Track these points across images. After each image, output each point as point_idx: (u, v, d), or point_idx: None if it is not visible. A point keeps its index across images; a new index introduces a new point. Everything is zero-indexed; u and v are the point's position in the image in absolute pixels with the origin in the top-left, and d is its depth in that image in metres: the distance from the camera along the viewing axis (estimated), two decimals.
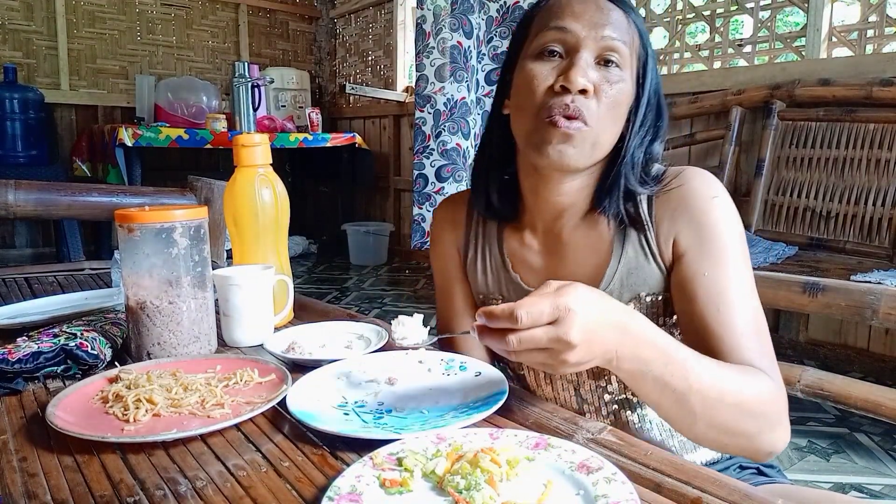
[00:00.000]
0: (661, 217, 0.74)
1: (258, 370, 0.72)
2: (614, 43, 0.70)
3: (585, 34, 0.70)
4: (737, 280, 0.70)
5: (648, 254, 0.75)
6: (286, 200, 0.98)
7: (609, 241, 0.77)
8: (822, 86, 2.23)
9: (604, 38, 0.70)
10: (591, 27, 0.70)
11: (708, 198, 0.72)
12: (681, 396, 0.60)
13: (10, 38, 3.81)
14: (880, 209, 2.06)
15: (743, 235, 0.73)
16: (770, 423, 0.65)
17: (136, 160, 3.26)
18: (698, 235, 0.71)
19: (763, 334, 0.70)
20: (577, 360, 0.54)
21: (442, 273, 0.92)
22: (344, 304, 3.28)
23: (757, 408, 0.64)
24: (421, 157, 2.95)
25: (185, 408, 0.63)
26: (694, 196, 0.72)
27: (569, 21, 0.71)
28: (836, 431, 1.86)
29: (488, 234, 0.87)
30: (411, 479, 0.49)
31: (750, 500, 0.47)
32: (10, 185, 1.34)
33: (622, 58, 0.71)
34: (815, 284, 1.51)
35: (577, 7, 0.71)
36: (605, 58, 0.70)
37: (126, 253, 0.77)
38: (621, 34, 0.71)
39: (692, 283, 0.70)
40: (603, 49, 0.70)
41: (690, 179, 0.73)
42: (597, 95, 0.69)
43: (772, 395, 0.66)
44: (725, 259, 0.70)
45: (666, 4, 2.94)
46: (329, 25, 5.02)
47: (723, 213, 0.72)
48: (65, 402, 0.63)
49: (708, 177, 0.74)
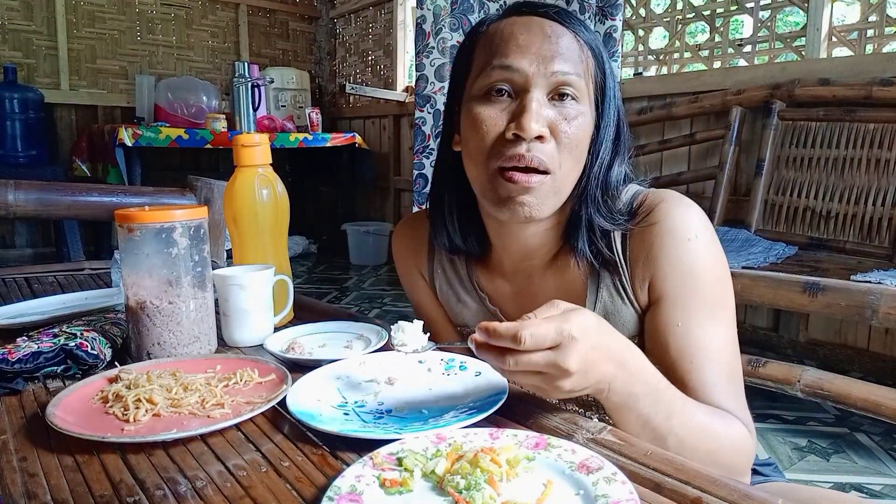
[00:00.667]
0: (637, 257, 0.69)
1: (258, 370, 0.72)
2: (567, 77, 0.64)
3: (534, 71, 0.64)
4: (711, 330, 0.66)
5: (624, 297, 0.71)
6: (286, 200, 0.98)
7: (583, 282, 0.73)
8: (822, 86, 2.23)
9: (555, 73, 0.64)
10: (540, 62, 0.64)
11: (683, 240, 0.67)
12: (659, 435, 0.60)
13: (10, 38, 3.81)
14: (880, 209, 2.06)
15: (723, 277, 0.69)
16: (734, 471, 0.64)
17: (136, 160, 3.26)
18: (673, 282, 0.67)
19: (737, 381, 0.68)
20: (570, 387, 0.54)
21: (414, 299, 0.91)
22: (344, 304, 3.28)
23: (728, 460, 0.64)
24: (421, 156, 2.95)
25: (185, 408, 0.63)
26: (670, 236, 0.67)
27: (515, 57, 0.64)
28: (836, 431, 1.86)
29: (457, 267, 0.83)
30: (411, 479, 0.49)
31: (750, 499, 0.47)
32: (10, 185, 1.34)
33: (578, 90, 0.65)
34: (815, 284, 1.51)
35: (522, 38, 0.65)
36: (560, 92, 0.65)
37: (126, 253, 0.77)
38: (574, 64, 0.65)
39: (665, 334, 0.67)
40: (555, 85, 0.64)
41: (666, 215, 0.68)
42: (554, 137, 0.64)
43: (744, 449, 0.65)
44: (700, 308, 0.66)
45: (666, 4, 2.94)
46: (329, 25, 5.02)
47: (700, 257, 0.67)
48: (65, 402, 0.63)
49: (686, 211, 0.68)
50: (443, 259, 0.85)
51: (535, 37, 0.65)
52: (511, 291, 0.80)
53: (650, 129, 2.79)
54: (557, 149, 0.65)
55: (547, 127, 0.64)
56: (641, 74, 3.03)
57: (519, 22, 0.67)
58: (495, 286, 0.81)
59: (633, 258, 0.70)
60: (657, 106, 2.72)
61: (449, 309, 0.87)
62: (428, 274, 0.87)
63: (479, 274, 0.82)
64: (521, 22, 0.67)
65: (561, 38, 0.65)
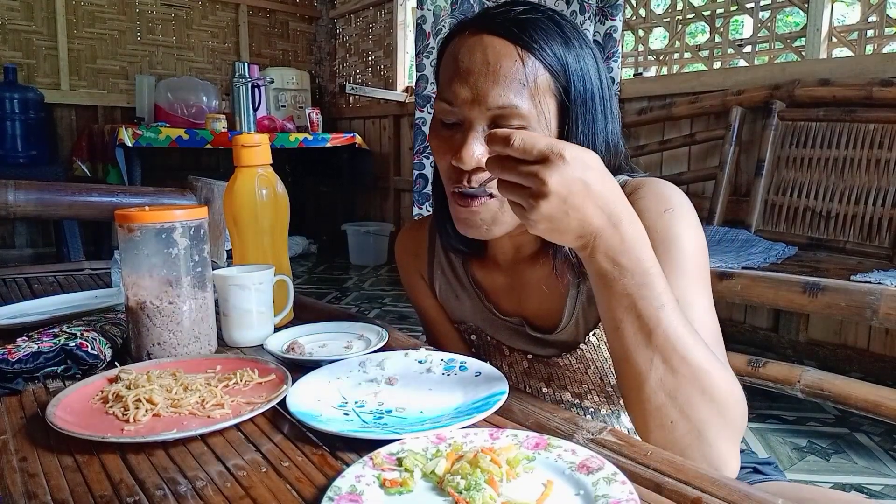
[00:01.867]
0: None
1: (258, 370, 0.72)
2: (504, 110, 0.64)
3: (469, 108, 0.65)
4: (692, 290, 0.65)
5: None
6: (286, 200, 0.98)
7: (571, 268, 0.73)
8: (822, 86, 2.23)
9: (490, 108, 0.64)
10: (476, 97, 0.64)
11: (658, 213, 0.67)
12: (644, 326, 0.55)
13: (10, 38, 3.81)
14: (880, 209, 2.06)
15: (700, 247, 0.68)
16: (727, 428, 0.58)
17: (136, 160, 3.26)
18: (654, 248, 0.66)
19: (721, 347, 0.66)
20: (548, 212, 0.52)
21: (416, 303, 0.93)
22: (344, 304, 3.28)
23: (718, 394, 0.57)
24: (421, 157, 2.95)
25: (185, 408, 0.63)
26: (648, 209, 0.67)
27: (454, 92, 0.65)
28: (836, 431, 1.86)
29: (455, 265, 0.86)
30: (411, 479, 0.49)
31: (750, 500, 0.47)
32: (10, 185, 1.34)
33: (520, 115, 0.64)
34: (815, 284, 1.51)
35: (463, 66, 0.65)
36: (497, 124, 0.65)
37: (126, 253, 0.77)
38: (516, 91, 0.63)
39: None
40: (492, 118, 0.65)
41: (641, 198, 0.68)
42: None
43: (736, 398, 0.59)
44: (681, 275, 0.65)
45: (666, 4, 2.94)
46: (329, 25, 5.02)
47: (674, 225, 0.67)
48: (65, 402, 0.63)
49: (662, 190, 0.69)
50: (442, 261, 0.88)
51: (475, 65, 0.65)
52: (505, 284, 0.81)
53: (650, 130, 2.79)
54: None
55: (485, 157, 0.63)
56: (641, 75, 3.03)
57: (466, 44, 0.67)
58: (492, 279, 0.83)
59: None
60: (657, 106, 2.72)
61: (448, 308, 0.89)
62: (428, 276, 0.89)
63: (475, 271, 0.84)
64: (467, 44, 0.66)
65: (502, 61, 0.64)
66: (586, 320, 0.75)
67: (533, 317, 0.80)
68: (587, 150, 0.53)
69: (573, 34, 0.68)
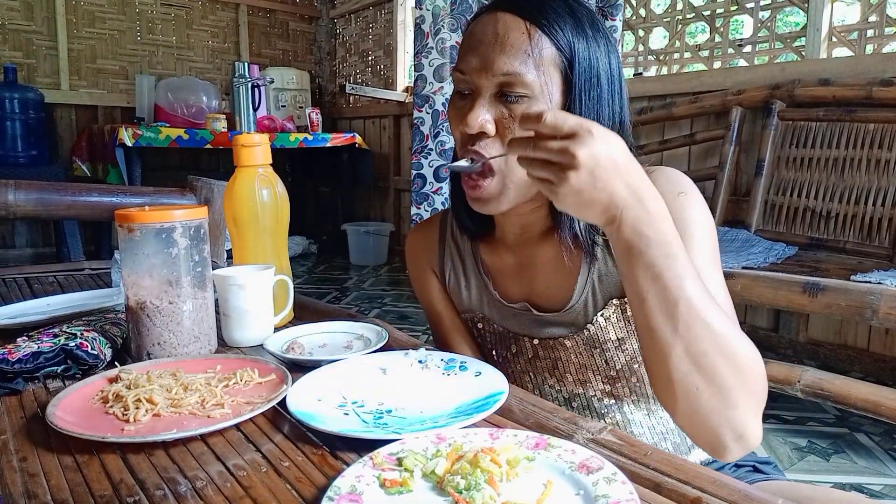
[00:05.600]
0: None
1: (258, 370, 0.72)
2: (510, 77, 0.67)
3: (478, 75, 0.69)
4: (707, 268, 0.67)
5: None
6: (286, 200, 0.98)
7: (580, 248, 0.76)
8: (822, 86, 2.23)
9: (495, 75, 0.67)
10: (484, 65, 0.68)
11: (672, 196, 0.69)
12: (669, 296, 0.57)
13: (10, 38, 3.81)
14: (880, 209, 2.06)
15: (711, 231, 0.71)
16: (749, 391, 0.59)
17: (136, 160, 3.26)
18: None
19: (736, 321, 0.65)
20: (577, 185, 0.54)
21: (425, 298, 0.93)
22: (344, 304, 3.28)
23: (740, 359, 0.58)
24: (419, 157, 2.95)
25: (185, 408, 0.63)
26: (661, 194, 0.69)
27: (467, 60, 0.70)
28: (836, 431, 1.86)
29: (464, 253, 0.88)
30: (411, 479, 0.49)
31: (750, 499, 0.47)
32: (10, 185, 1.34)
33: (527, 86, 0.67)
34: (815, 284, 1.51)
35: (475, 39, 0.70)
36: (504, 92, 0.68)
37: (126, 253, 0.77)
38: (521, 61, 0.67)
39: None
40: (499, 86, 0.68)
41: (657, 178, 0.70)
42: (499, 134, 0.69)
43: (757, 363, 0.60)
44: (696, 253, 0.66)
45: (666, 4, 2.94)
46: (329, 25, 5.02)
47: (687, 208, 0.69)
48: (65, 402, 0.63)
49: (674, 175, 0.72)
50: (452, 251, 0.89)
51: (486, 36, 0.69)
52: (514, 265, 0.83)
53: (650, 130, 2.79)
54: (502, 145, 0.69)
55: (492, 123, 0.69)
56: (641, 74, 3.03)
57: (481, 21, 0.71)
58: (501, 262, 0.84)
59: None
60: (657, 106, 2.72)
61: (457, 299, 0.90)
62: (439, 269, 0.91)
63: (484, 256, 0.86)
64: (483, 20, 0.71)
65: (510, 33, 0.68)
66: (595, 300, 0.76)
67: (540, 297, 0.81)
68: (611, 132, 0.56)
69: (586, 17, 0.71)
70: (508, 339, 0.85)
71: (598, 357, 0.78)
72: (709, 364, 0.58)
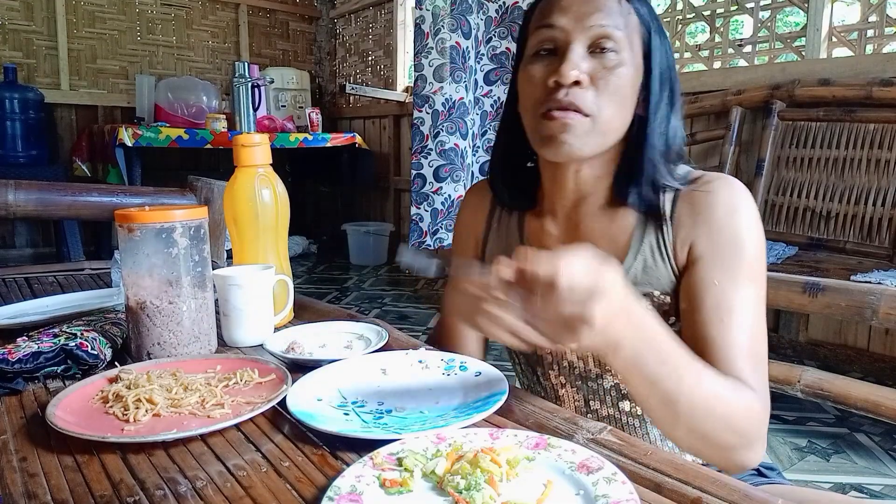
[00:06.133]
0: (682, 219, 0.73)
1: (258, 370, 0.72)
2: (605, 30, 0.69)
3: (573, 27, 0.70)
4: (746, 297, 0.69)
5: (664, 253, 0.74)
6: (286, 200, 0.98)
7: (628, 234, 0.76)
8: (822, 86, 2.23)
9: (592, 27, 0.69)
10: (579, 18, 0.70)
11: (729, 211, 0.71)
12: (669, 398, 0.59)
13: (10, 38, 3.81)
14: (880, 209, 2.06)
15: (763, 253, 0.72)
16: (749, 441, 0.64)
17: (136, 160, 3.26)
18: (716, 245, 0.71)
19: (761, 355, 0.69)
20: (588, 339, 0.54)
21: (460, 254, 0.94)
22: (344, 304, 3.28)
23: (740, 424, 0.63)
24: (419, 157, 2.95)
25: (186, 408, 0.63)
26: (718, 205, 0.71)
27: (556, 17, 0.71)
28: (836, 431, 1.86)
29: (510, 221, 0.88)
30: (411, 479, 0.49)
31: (750, 499, 0.47)
32: (10, 185, 1.34)
33: (617, 42, 0.70)
34: (815, 284, 1.51)
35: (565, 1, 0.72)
36: (599, 45, 0.70)
37: (126, 253, 0.77)
38: (613, 19, 0.70)
39: (701, 290, 0.70)
40: (594, 38, 0.70)
41: (719, 188, 0.72)
42: (594, 84, 0.70)
43: (758, 415, 0.65)
44: (739, 273, 0.69)
45: (666, 4, 2.94)
46: (329, 25, 5.02)
47: (745, 227, 0.71)
48: (65, 402, 0.63)
49: (737, 187, 0.73)
50: (500, 217, 0.90)
51: None
52: (559, 236, 0.82)
53: None
54: (596, 94, 0.70)
55: (586, 75, 0.69)
56: None
57: None
58: (545, 233, 0.84)
59: (679, 220, 0.74)
60: None
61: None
62: (483, 231, 0.91)
63: (529, 226, 0.86)
64: None
65: None
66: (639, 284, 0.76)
67: None
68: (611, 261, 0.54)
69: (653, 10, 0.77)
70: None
71: None
72: (712, 436, 0.62)
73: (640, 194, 0.74)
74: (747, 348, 0.67)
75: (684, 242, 0.73)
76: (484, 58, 3.05)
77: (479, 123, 3.09)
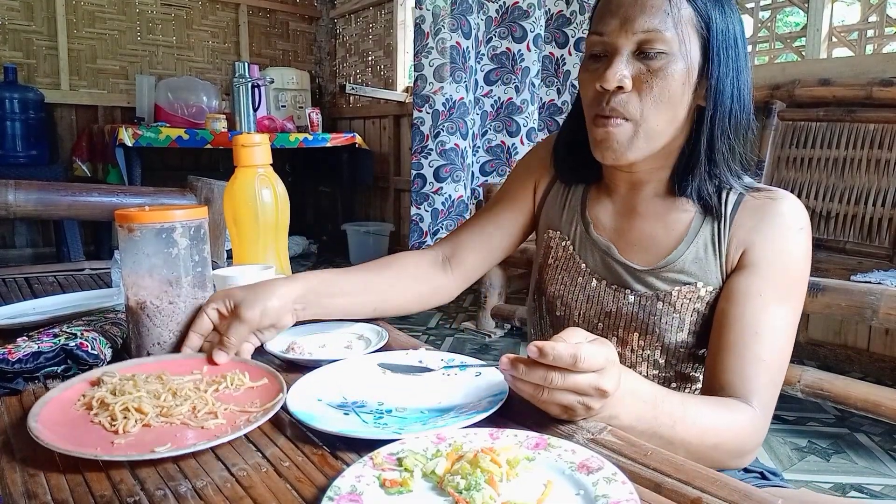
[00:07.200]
0: (742, 222, 0.74)
1: (248, 373, 0.69)
2: (650, 34, 0.70)
3: (617, 34, 0.71)
4: (784, 316, 0.71)
5: (716, 251, 0.75)
6: (286, 200, 0.98)
7: (685, 224, 0.78)
8: (822, 86, 2.23)
9: (636, 32, 0.70)
10: (624, 23, 0.70)
11: (796, 229, 0.72)
12: (665, 442, 0.63)
13: (10, 38, 3.81)
14: (880, 209, 2.06)
15: (807, 271, 0.74)
16: (741, 453, 0.68)
17: (136, 160, 3.26)
18: (770, 257, 0.72)
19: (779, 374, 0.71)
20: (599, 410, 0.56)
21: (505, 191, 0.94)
22: None
23: (732, 445, 0.67)
24: (419, 157, 2.95)
25: (177, 417, 0.60)
26: (783, 217, 0.73)
27: (605, 22, 0.72)
28: (836, 431, 1.86)
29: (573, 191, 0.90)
30: (411, 479, 0.49)
31: (750, 500, 0.47)
32: (10, 185, 1.34)
33: (665, 42, 0.70)
34: (815, 284, 1.50)
35: (614, 2, 0.72)
36: (646, 48, 0.70)
37: (126, 253, 0.77)
38: (660, 19, 0.70)
39: (744, 297, 0.71)
40: (639, 43, 0.70)
41: (785, 200, 0.74)
42: (637, 89, 0.71)
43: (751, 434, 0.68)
44: (784, 290, 0.71)
45: None
46: (329, 25, 5.02)
47: (802, 249, 0.72)
48: (46, 409, 0.59)
49: (802, 207, 0.75)
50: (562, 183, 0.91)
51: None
52: (615, 214, 0.84)
53: None
54: (640, 98, 0.71)
55: (629, 79, 0.71)
56: None
57: None
58: (600, 207, 0.86)
59: (739, 222, 0.75)
60: None
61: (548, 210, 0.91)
62: (547, 184, 0.92)
63: (592, 195, 0.88)
64: None
65: None
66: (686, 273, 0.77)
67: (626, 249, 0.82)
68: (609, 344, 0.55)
69: None
70: (576, 264, 0.85)
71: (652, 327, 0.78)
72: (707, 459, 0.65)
73: (697, 188, 0.75)
74: (769, 366, 0.69)
75: (739, 245, 0.74)
76: (484, 58, 3.05)
77: (479, 123, 3.09)
